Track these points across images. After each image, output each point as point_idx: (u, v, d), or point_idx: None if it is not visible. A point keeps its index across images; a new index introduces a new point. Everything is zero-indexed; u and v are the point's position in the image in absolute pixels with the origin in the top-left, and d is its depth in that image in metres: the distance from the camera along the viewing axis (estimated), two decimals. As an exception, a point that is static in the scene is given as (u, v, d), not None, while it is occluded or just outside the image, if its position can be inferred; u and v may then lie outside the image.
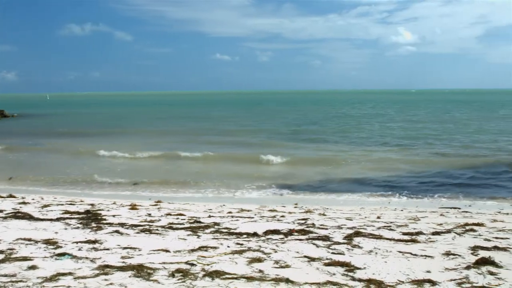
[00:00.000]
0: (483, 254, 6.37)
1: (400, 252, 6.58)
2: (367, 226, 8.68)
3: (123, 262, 5.94)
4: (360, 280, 5.29)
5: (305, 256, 6.29)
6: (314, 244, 7.06)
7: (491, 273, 5.58)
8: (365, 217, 10.07)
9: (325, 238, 7.48)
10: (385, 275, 5.47)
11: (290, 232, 7.87)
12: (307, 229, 8.25)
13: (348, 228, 8.43)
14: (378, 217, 9.95)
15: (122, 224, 8.65)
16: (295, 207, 11.87)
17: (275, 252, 6.55)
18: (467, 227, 8.50)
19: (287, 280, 5.24)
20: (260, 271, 5.60)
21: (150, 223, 8.85)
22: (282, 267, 5.80)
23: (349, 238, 7.47)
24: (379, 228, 8.46)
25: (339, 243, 7.10)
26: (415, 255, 6.43)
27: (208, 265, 5.84)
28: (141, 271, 5.53)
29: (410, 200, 13.73)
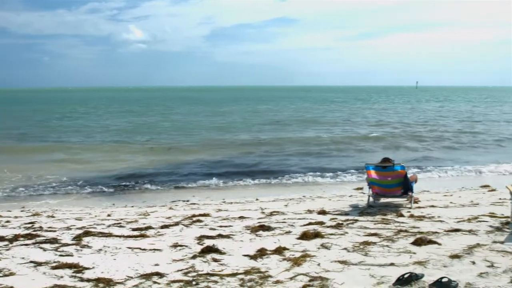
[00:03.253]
0: (208, 242, 6.83)
1: (129, 248, 6.75)
2: (97, 224, 8.66)
3: None
4: (88, 280, 5.30)
5: (32, 261, 6.02)
6: (41, 248, 6.79)
7: (215, 260, 6.01)
8: (96, 215, 9.99)
9: (53, 240, 7.24)
10: (114, 273, 5.57)
11: (15, 238, 7.41)
12: (34, 233, 7.84)
13: (77, 228, 8.28)
14: (109, 215, 9.99)
15: None
16: (21, 211, 11.13)
17: (-1, 260, 6.13)
18: (194, 218, 9.01)
19: (11, 289, 4.99)
20: (-21, 283, 5.21)
21: None
22: (6, 275, 5.46)
23: (78, 238, 7.37)
24: (109, 226, 8.52)
25: (68, 245, 6.97)
26: (144, 249, 6.66)
27: None
28: None
29: (144, 195, 13.95)
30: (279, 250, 6.41)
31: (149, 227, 8.25)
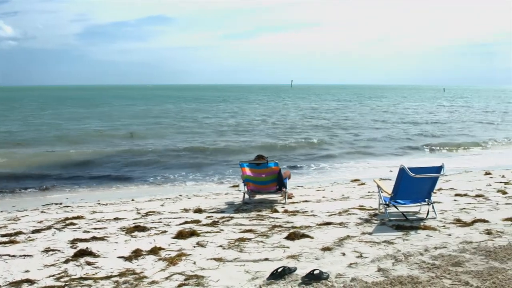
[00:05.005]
0: (81, 246, 6.72)
1: (-3, 255, 6.47)
2: (-39, 232, 8.14)
3: None
4: (-49, 292, 5.04)
5: None
6: None
7: (89, 263, 5.94)
8: (-41, 223, 9.37)
9: None
10: (-19, 282, 5.34)
11: None
12: None
13: None
14: (-26, 222, 9.41)
15: None
16: None
17: None
18: (68, 221, 8.79)
19: None
20: None
21: None
22: None
23: None
24: (-25, 233, 8.05)
25: None
26: (13, 256, 6.42)
27: None
28: None
29: (14, 199, 13.20)
30: (155, 250, 6.47)
31: (19, 232, 7.92)
